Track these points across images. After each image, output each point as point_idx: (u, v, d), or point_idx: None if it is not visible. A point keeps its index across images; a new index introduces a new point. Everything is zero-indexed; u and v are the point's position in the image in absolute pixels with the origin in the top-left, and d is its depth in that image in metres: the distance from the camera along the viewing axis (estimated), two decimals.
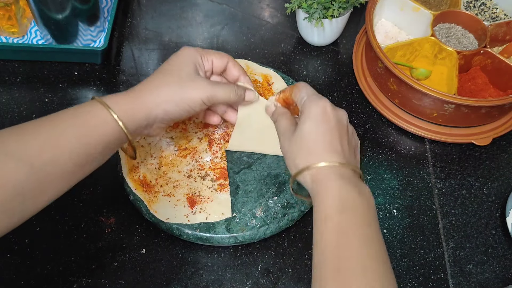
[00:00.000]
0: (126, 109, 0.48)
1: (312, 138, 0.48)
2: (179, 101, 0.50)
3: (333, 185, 0.45)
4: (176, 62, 0.53)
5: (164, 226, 0.58)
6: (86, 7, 0.71)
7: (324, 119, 0.48)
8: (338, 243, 0.43)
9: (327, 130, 0.48)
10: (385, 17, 0.81)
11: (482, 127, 0.70)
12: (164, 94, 0.50)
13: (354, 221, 0.44)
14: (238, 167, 0.63)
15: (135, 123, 0.49)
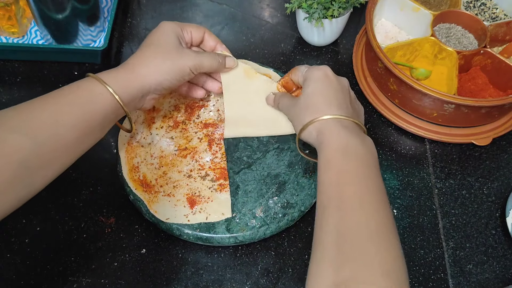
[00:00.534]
0: (121, 82, 0.51)
1: (317, 96, 0.52)
2: (169, 71, 0.54)
3: (337, 133, 0.49)
4: (161, 36, 0.55)
5: (164, 226, 0.58)
6: (86, 7, 0.71)
7: (326, 81, 0.53)
8: (339, 181, 0.46)
9: (330, 89, 0.53)
10: (385, 17, 0.81)
11: (482, 127, 0.70)
12: (155, 65, 0.53)
13: (355, 164, 0.47)
14: (238, 167, 0.63)
15: (130, 95, 0.52)
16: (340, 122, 0.50)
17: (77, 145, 0.49)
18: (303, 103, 0.53)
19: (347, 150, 0.48)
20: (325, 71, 0.54)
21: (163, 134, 0.65)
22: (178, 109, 0.68)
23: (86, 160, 0.67)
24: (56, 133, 0.46)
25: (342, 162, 0.47)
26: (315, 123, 0.51)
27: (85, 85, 0.50)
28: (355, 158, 0.47)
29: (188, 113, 0.67)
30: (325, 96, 0.52)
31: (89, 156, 0.67)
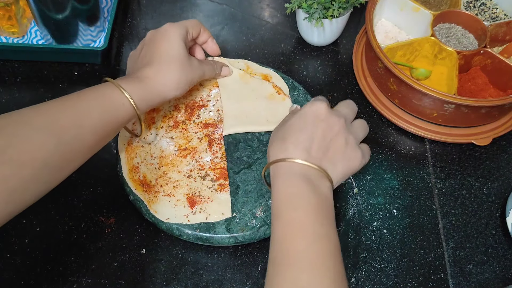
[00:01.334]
0: (141, 95, 0.54)
1: (291, 132, 0.50)
2: (184, 85, 0.58)
3: (288, 182, 0.47)
4: (172, 47, 0.57)
5: (164, 226, 0.58)
6: (86, 7, 0.71)
7: (313, 118, 0.51)
8: (286, 239, 0.44)
9: (308, 129, 0.50)
10: (385, 17, 0.81)
11: (482, 127, 0.70)
12: (172, 82, 0.56)
13: (304, 219, 0.45)
14: (238, 167, 0.63)
15: (147, 106, 0.55)
16: (297, 168, 0.48)
17: (94, 147, 0.51)
18: (282, 132, 0.51)
19: (296, 203, 0.46)
20: (318, 109, 0.51)
21: (163, 134, 0.65)
22: (178, 109, 0.68)
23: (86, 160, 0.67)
24: (79, 135, 0.48)
25: (289, 218, 0.45)
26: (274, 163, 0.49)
27: (108, 92, 0.52)
28: (304, 212, 0.45)
29: (188, 113, 0.67)
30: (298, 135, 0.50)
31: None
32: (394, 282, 0.59)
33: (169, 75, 0.56)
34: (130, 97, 0.52)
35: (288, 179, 0.47)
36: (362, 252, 0.61)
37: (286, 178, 0.48)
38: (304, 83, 0.76)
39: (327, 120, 0.51)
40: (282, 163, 0.48)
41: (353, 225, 0.63)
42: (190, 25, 0.61)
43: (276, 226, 0.46)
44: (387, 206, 0.65)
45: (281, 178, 0.48)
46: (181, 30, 0.58)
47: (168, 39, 0.57)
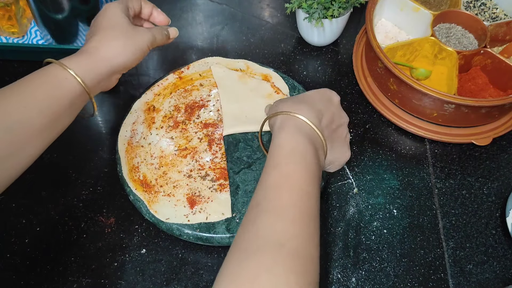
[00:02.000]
0: (86, 67, 0.51)
1: (305, 97, 0.52)
2: (133, 51, 0.55)
3: (296, 136, 0.47)
4: (112, 18, 0.56)
5: (164, 226, 0.58)
6: (86, 7, 0.71)
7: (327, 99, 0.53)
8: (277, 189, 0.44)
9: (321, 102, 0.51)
10: (385, 17, 0.81)
11: (482, 127, 0.70)
12: (119, 47, 0.54)
13: (301, 175, 0.45)
14: (238, 167, 0.63)
15: (96, 78, 0.52)
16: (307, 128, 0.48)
17: (46, 131, 0.49)
18: (297, 97, 0.53)
19: (298, 159, 0.46)
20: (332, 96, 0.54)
21: (163, 134, 0.65)
22: (178, 109, 0.68)
23: (86, 160, 0.67)
24: (24, 119, 0.46)
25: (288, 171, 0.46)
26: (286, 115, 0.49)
27: (50, 70, 0.50)
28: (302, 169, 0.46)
29: (188, 113, 0.67)
30: (312, 102, 0.51)
31: (89, 156, 0.67)
32: (394, 282, 0.59)
33: (114, 41, 0.54)
34: (72, 71, 0.50)
35: (295, 133, 0.48)
36: (362, 252, 0.61)
37: (294, 132, 0.48)
38: (304, 83, 0.76)
39: (338, 109, 0.53)
40: (292, 117, 0.49)
41: (353, 225, 0.63)
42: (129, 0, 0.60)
43: (270, 174, 0.46)
44: (387, 206, 0.65)
45: (289, 130, 0.48)
46: (120, 4, 0.58)
47: (108, 11, 0.57)
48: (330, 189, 0.66)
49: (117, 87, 0.74)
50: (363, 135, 0.71)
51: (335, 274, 0.59)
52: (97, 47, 0.53)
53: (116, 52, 0.54)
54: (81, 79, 0.50)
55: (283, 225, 0.42)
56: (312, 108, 0.50)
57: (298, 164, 0.46)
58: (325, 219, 0.63)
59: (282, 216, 0.42)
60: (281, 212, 0.43)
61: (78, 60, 0.51)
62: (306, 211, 0.44)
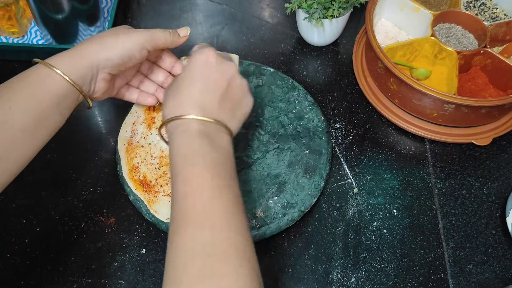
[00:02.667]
0: (68, 61, 0.49)
1: (183, 87, 0.49)
2: (120, 46, 0.51)
3: (186, 139, 0.46)
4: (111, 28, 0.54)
5: (164, 226, 0.58)
6: (86, 7, 0.71)
7: (203, 68, 0.49)
8: (186, 197, 0.43)
9: (201, 80, 0.48)
10: (385, 17, 0.81)
11: (482, 127, 0.70)
12: (105, 41, 0.51)
13: (204, 175, 0.44)
14: (238, 167, 0.63)
15: (80, 73, 0.49)
16: (192, 124, 0.47)
17: (34, 132, 0.47)
18: (171, 89, 0.50)
19: (193, 160, 0.45)
20: (207, 56, 0.49)
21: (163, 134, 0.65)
22: None
23: (86, 160, 0.67)
24: (9, 120, 0.45)
25: (188, 174, 0.44)
26: (171, 121, 0.48)
27: (34, 69, 0.49)
28: (203, 168, 0.44)
29: None
30: (191, 89, 0.48)
31: (89, 156, 0.67)
32: (394, 282, 0.59)
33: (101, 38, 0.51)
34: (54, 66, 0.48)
35: (185, 136, 0.46)
36: (362, 252, 0.61)
37: (183, 136, 0.46)
38: (304, 83, 0.76)
39: (218, 67, 0.49)
40: (177, 121, 0.47)
41: (353, 225, 0.63)
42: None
43: (175, 184, 0.45)
44: (387, 206, 0.65)
45: (178, 136, 0.47)
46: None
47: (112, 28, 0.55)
48: (330, 189, 0.66)
49: None
50: (363, 135, 0.71)
51: (335, 274, 0.59)
52: (83, 43, 0.51)
53: (101, 46, 0.51)
54: (64, 73, 0.48)
55: (204, 234, 0.41)
56: (190, 96, 0.48)
57: (197, 165, 0.44)
58: (325, 219, 0.63)
59: (201, 225, 0.41)
60: (199, 221, 0.42)
61: (61, 58, 0.49)
62: (223, 207, 0.43)
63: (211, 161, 0.45)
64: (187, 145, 0.46)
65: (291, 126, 0.67)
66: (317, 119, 0.68)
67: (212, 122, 0.47)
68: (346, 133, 0.71)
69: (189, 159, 0.45)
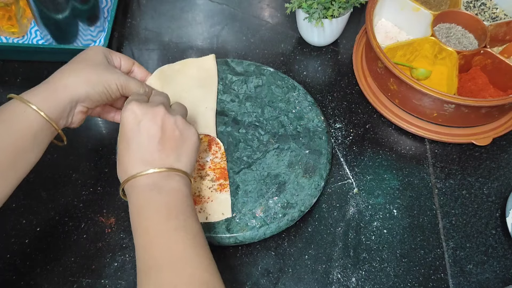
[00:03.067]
0: (44, 96, 0.49)
1: (122, 151, 0.49)
2: (97, 83, 0.52)
3: (136, 196, 0.47)
4: (88, 54, 0.55)
5: None
6: (86, 7, 0.71)
7: (131, 125, 0.49)
8: (145, 248, 0.45)
9: (132, 138, 0.49)
10: (385, 17, 0.81)
11: (482, 127, 0.70)
12: (82, 76, 0.52)
13: (156, 224, 0.46)
14: (238, 167, 0.63)
15: (57, 108, 0.50)
16: (135, 181, 0.48)
17: (10, 169, 0.47)
18: (118, 154, 0.50)
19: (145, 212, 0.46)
20: (131, 111, 0.49)
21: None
22: None
23: (86, 160, 0.67)
24: None
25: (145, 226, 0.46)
26: (125, 184, 0.49)
27: (7, 107, 0.49)
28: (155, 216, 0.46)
29: None
30: (128, 150, 0.49)
31: (89, 156, 0.67)
32: (394, 282, 0.59)
33: (77, 72, 0.52)
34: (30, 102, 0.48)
35: (135, 193, 0.48)
36: (362, 252, 0.61)
37: (134, 193, 0.48)
38: (304, 83, 0.76)
39: (145, 117, 0.49)
40: (128, 182, 0.48)
41: (353, 225, 0.63)
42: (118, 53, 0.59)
43: (136, 238, 0.46)
44: (387, 206, 0.65)
45: (130, 195, 0.48)
46: (104, 49, 0.56)
47: (89, 50, 0.56)
48: (330, 189, 0.66)
49: None
50: (363, 135, 0.71)
51: (335, 274, 0.59)
52: (59, 77, 0.52)
53: (79, 80, 0.51)
54: (40, 109, 0.48)
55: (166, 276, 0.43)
56: (130, 157, 0.48)
57: (149, 216, 0.46)
58: (325, 219, 0.63)
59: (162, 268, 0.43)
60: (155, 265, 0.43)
61: (37, 92, 0.50)
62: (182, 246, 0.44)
63: (162, 207, 0.46)
64: (138, 200, 0.47)
65: (291, 126, 0.67)
66: (317, 119, 0.68)
67: (156, 172, 0.48)
68: (346, 133, 0.71)
69: (142, 212, 0.47)
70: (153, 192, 0.47)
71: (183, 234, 0.45)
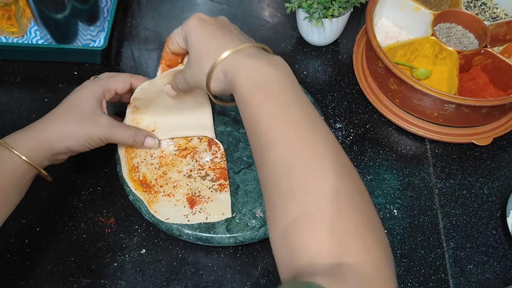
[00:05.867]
0: (29, 145, 0.51)
1: (206, 40, 0.47)
2: (78, 138, 0.54)
3: (244, 67, 0.44)
4: (78, 98, 0.55)
5: (164, 226, 0.58)
6: (86, 7, 0.71)
7: (205, 23, 0.48)
8: (261, 118, 0.41)
9: (213, 29, 0.48)
10: (385, 17, 0.81)
11: (482, 127, 0.70)
12: (63, 131, 0.53)
13: (273, 93, 0.42)
14: (238, 167, 0.63)
15: (40, 157, 0.52)
16: (242, 53, 0.45)
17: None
18: (196, 57, 0.48)
19: (260, 82, 0.43)
20: (198, 16, 0.49)
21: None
22: None
23: (86, 160, 0.67)
24: None
25: (259, 97, 0.42)
26: (217, 67, 0.45)
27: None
28: (270, 88, 0.42)
29: None
30: (215, 35, 0.47)
31: (89, 157, 0.67)
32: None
33: (62, 125, 0.53)
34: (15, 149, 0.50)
35: (243, 66, 0.44)
36: None
37: (241, 66, 0.44)
38: (304, 83, 0.76)
39: (215, 18, 0.50)
40: (226, 58, 0.45)
41: None
42: (113, 81, 0.58)
43: (247, 116, 0.42)
44: (388, 206, 0.65)
45: (235, 69, 0.44)
46: (98, 90, 0.56)
47: (80, 93, 0.56)
48: None
49: None
50: (364, 135, 0.71)
51: None
52: (44, 128, 0.53)
53: (59, 136, 0.53)
54: (24, 155, 0.50)
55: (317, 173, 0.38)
56: (226, 37, 0.47)
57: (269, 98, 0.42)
58: None
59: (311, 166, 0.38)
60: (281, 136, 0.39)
61: (22, 139, 0.51)
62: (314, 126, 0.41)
63: (279, 80, 0.43)
64: (250, 74, 0.43)
65: None
66: None
67: (255, 46, 0.47)
68: (347, 133, 0.71)
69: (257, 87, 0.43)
70: (268, 65, 0.44)
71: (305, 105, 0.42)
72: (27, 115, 0.70)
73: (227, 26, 0.49)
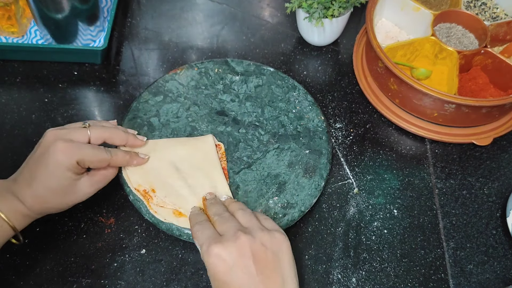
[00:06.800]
0: (10, 207, 0.52)
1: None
2: (60, 206, 0.55)
3: None
4: (53, 176, 0.52)
5: (164, 226, 0.58)
6: (86, 7, 0.71)
7: (219, 274, 0.46)
8: None
9: (226, 283, 0.46)
10: (385, 17, 0.81)
11: (482, 127, 0.70)
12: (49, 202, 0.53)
13: None
14: (238, 167, 0.63)
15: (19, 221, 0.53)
16: None
17: None
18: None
19: None
20: (217, 255, 0.46)
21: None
22: None
23: None
24: None
25: None
26: None
27: None
28: None
29: None
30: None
31: None
32: (395, 282, 0.59)
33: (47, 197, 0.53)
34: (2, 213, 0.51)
35: None
36: (363, 252, 0.61)
37: None
38: (304, 83, 0.76)
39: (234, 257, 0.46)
40: None
41: (353, 225, 0.63)
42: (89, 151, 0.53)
43: None
44: (388, 206, 0.65)
45: None
46: (70, 160, 0.51)
47: (52, 170, 0.51)
48: (330, 189, 0.66)
49: (117, 87, 0.74)
50: (364, 135, 0.71)
51: (335, 274, 0.59)
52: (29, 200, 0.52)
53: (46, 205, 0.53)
54: (6, 217, 0.51)
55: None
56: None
57: None
58: (325, 219, 0.63)
59: None
60: None
61: (7, 202, 0.51)
62: None
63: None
64: None
65: (291, 126, 0.67)
66: (317, 119, 0.68)
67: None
68: (347, 133, 0.71)
69: None
70: None
71: None
72: (27, 115, 0.70)
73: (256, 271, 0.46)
